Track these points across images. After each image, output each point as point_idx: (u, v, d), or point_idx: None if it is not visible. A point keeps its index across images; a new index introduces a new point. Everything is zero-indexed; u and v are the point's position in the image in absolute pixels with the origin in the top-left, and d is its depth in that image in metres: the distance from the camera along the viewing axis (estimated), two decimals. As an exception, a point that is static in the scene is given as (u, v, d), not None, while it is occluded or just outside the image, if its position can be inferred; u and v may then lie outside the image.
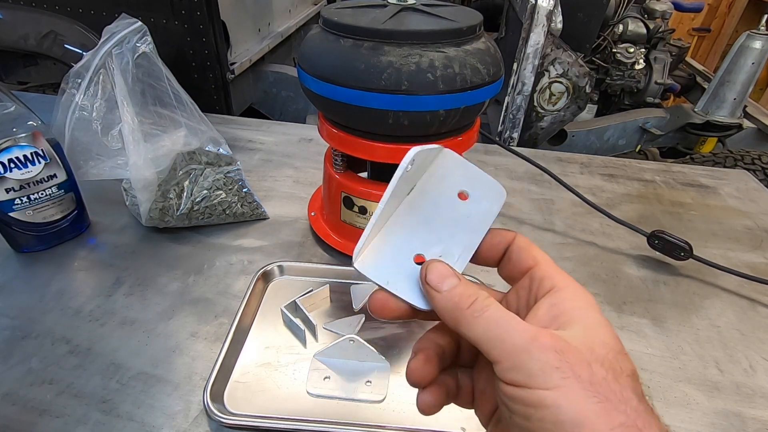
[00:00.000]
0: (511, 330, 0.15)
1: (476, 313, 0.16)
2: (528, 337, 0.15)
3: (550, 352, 0.14)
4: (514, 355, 0.15)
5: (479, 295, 0.16)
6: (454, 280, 0.17)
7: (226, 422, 0.30)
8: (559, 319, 0.16)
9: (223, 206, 0.47)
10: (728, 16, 2.34)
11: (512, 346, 0.15)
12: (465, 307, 0.16)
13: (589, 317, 0.16)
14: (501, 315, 0.16)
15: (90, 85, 0.42)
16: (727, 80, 1.19)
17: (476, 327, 0.16)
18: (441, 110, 0.35)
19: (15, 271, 0.42)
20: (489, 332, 0.15)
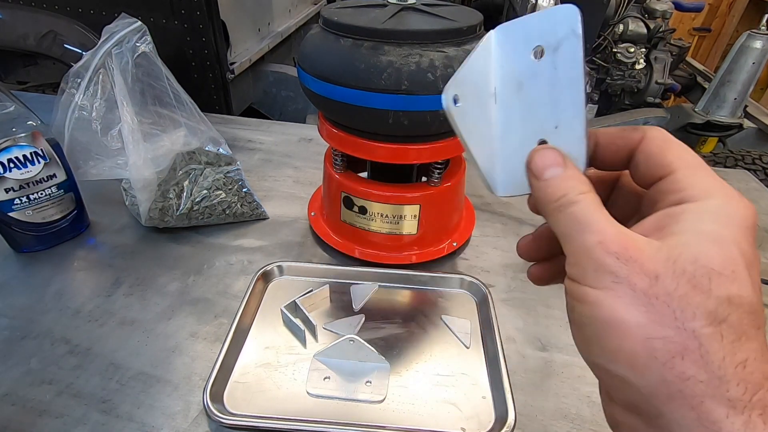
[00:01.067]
0: (586, 229, 0.14)
1: (562, 207, 0.15)
2: (596, 240, 0.14)
3: (610, 256, 0.14)
4: (578, 254, 0.14)
5: (574, 189, 0.15)
6: (557, 170, 0.16)
7: (226, 422, 0.30)
8: (666, 229, 0.14)
9: (223, 206, 0.47)
10: (729, 16, 2.34)
11: (579, 244, 0.14)
12: (554, 199, 0.15)
13: (702, 233, 0.13)
14: (585, 212, 0.15)
15: (89, 84, 0.42)
16: (728, 80, 1.19)
17: (558, 221, 0.15)
18: (441, 110, 0.35)
19: (14, 271, 0.42)
20: (567, 227, 0.15)
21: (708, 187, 0.15)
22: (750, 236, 0.14)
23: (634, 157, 0.16)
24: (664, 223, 0.14)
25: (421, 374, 0.34)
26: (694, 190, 0.14)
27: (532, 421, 0.32)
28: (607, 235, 0.14)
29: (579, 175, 0.16)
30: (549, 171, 0.16)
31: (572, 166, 0.16)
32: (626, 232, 0.14)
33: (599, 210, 0.15)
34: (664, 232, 0.14)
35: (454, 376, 0.34)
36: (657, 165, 0.16)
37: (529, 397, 0.33)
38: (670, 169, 0.15)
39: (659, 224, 0.15)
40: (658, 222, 0.15)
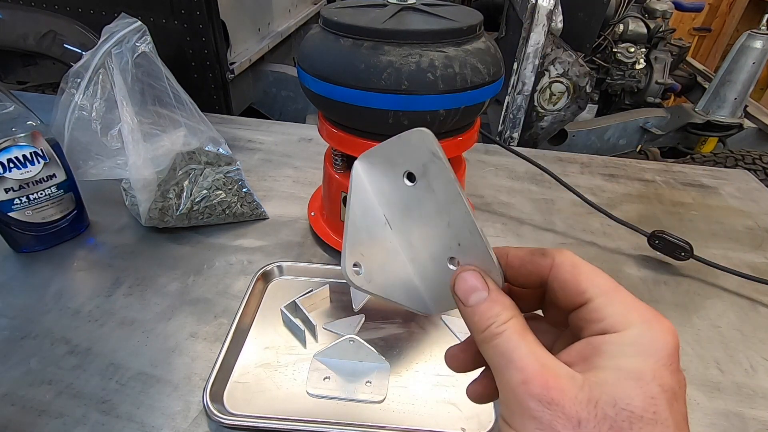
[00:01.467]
0: (510, 365, 0.14)
1: (487, 339, 0.15)
2: (519, 379, 0.14)
3: (533, 400, 0.13)
4: (505, 391, 0.14)
5: (498, 318, 0.15)
6: (481, 295, 0.16)
7: (226, 423, 0.30)
8: (589, 361, 0.14)
9: (223, 206, 0.47)
10: (729, 16, 2.33)
11: (505, 382, 0.14)
12: (481, 330, 0.15)
13: (622, 369, 0.14)
14: (508, 345, 0.15)
15: (89, 84, 0.42)
16: (728, 80, 1.19)
17: (486, 353, 0.15)
18: (441, 110, 0.35)
19: (14, 271, 0.42)
20: (494, 361, 0.15)
21: (626, 314, 0.15)
22: (672, 363, 0.14)
23: (548, 284, 0.16)
24: (588, 354, 0.14)
25: (421, 374, 0.34)
26: (612, 318, 0.15)
27: (532, 421, 0.32)
28: (530, 373, 0.14)
29: (503, 298, 0.16)
30: (473, 296, 0.16)
31: (495, 289, 0.16)
32: (549, 365, 0.14)
33: (523, 340, 0.15)
34: (587, 364, 0.14)
35: (454, 376, 0.34)
36: (572, 294, 0.16)
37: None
38: (586, 297, 0.15)
39: (583, 354, 0.15)
40: (582, 352, 0.15)
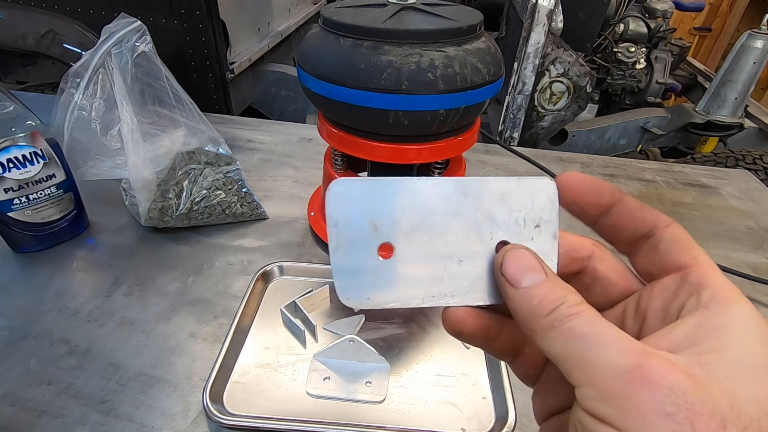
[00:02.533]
0: (605, 348, 0.11)
1: (556, 322, 0.12)
2: (630, 362, 0.10)
3: (661, 388, 0.10)
4: (605, 382, 0.11)
5: (566, 299, 0.12)
6: (539, 276, 0.13)
7: (226, 423, 0.30)
8: (704, 344, 0.11)
9: (223, 206, 0.47)
10: (729, 16, 2.33)
11: (603, 368, 0.11)
12: (543, 315, 0.12)
13: (755, 356, 0.11)
14: (593, 326, 0.11)
15: (89, 84, 0.42)
16: (729, 80, 1.18)
17: (555, 340, 0.12)
18: (441, 110, 0.35)
19: (13, 271, 0.42)
20: (570, 348, 0.11)
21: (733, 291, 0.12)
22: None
23: (656, 236, 0.14)
24: (700, 339, 0.12)
25: (422, 375, 0.34)
26: (722, 291, 0.12)
27: (532, 421, 0.32)
28: (641, 356, 0.11)
29: (564, 283, 0.13)
30: (528, 277, 0.13)
31: (553, 273, 0.13)
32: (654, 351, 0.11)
33: (607, 322, 0.12)
34: (703, 347, 0.11)
35: (454, 376, 0.34)
36: (685, 252, 0.13)
37: (529, 398, 0.33)
38: (696, 261, 0.13)
39: (692, 339, 0.12)
40: (690, 336, 0.12)
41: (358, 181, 0.14)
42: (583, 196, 0.15)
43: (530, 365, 0.17)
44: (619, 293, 0.15)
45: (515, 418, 0.30)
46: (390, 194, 0.14)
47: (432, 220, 0.14)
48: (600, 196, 0.15)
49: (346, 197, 0.14)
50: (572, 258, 0.16)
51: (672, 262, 0.14)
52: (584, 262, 0.16)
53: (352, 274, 0.14)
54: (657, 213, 0.14)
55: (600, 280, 0.16)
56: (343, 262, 0.14)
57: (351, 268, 0.14)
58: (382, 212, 0.14)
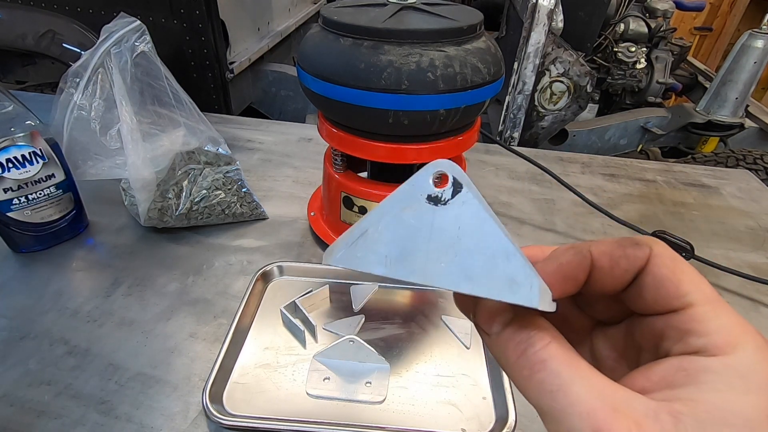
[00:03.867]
0: (570, 409, 0.11)
1: (526, 371, 0.12)
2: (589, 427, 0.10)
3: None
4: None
5: (533, 340, 0.12)
6: (506, 317, 0.13)
7: (225, 423, 0.30)
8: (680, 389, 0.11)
9: (222, 206, 0.47)
10: (730, 15, 2.33)
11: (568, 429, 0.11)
12: (514, 359, 0.12)
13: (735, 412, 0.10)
14: (560, 380, 0.11)
15: (88, 84, 0.42)
16: (729, 79, 1.18)
17: (529, 391, 0.12)
18: (441, 110, 0.35)
19: (13, 271, 0.42)
20: (542, 402, 0.11)
21: (734, 334, 0.11)
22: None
23: (638, 280, 0.13)
24: (678, 380, 0.11)
25: (422, 375, 0.34)
26: (719, 336, 0.11)
27: (533, 422, 0.32)
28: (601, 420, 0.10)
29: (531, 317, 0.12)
30: (496, 323, 0.13)
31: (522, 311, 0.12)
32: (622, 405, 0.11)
33: (575, 371, 0.11)
34: (674, 393, 0.11)
35: (454, 376, 0.34)
36: (670, 294, 0.12)
37: (529, 398, 0.33)
38: (687, 302, 0.12)
39: (671, 380, 0.11)
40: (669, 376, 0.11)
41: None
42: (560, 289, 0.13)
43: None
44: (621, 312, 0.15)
45: (515, 418, 0.30)
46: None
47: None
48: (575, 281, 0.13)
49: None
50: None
51: (659, 308, 0.13)
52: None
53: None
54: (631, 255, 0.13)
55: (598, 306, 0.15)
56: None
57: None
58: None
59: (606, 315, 0.15)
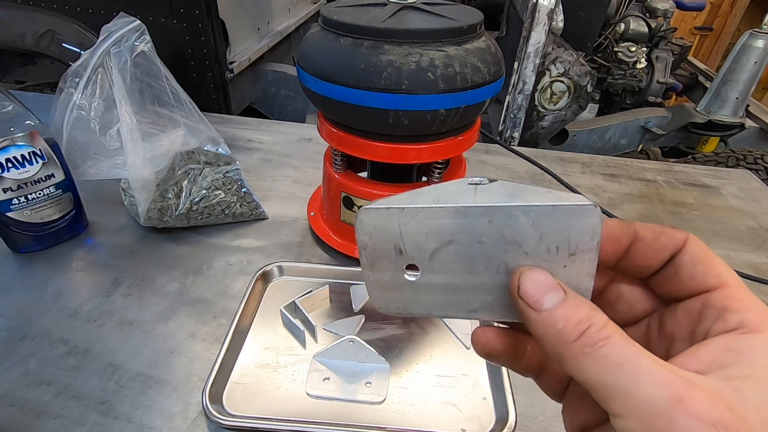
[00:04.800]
0: (643, 379, 0.11)
1: (587, 348, 0.11)
2: (669, 396, 0.10)
3: (704, 425, 0.10)
4: (647, 417, 0.10)
5: (595, 320, 0.12)
6: (559, 295, 0.12)
7: (225, 423, 0.30)
8: (734, 368, 0.11)
9: (222, 206, 0.47)
10: (730, 15, 2.33)
11: (644, 402, 0.10)
12: (572, 339, 0.12)
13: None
14: (626, 353, 0.11)
15: (88, 84, 0.42)
16: (730, 79, 1.18)
17: (588, 367, 0.11)
18: (441, 110, 0.35)
19: (12, 271, 0.42)
20: (606, 377, 0.11)
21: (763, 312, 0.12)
22: None
23: (676, 260, 0.13)
24: (728, 362, 0.11)
25: (422, 375, 0.34)
26: (754, 314, 0.12)
27: (533, 422, 0.32)
28: (680, 388, 0.10)
29: (585, 300, 0.13)
30: (548, 298, 0.12)
31: (572, 291, 0.13)
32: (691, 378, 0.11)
33: (638, 347, 0.11)
34: (727, 373, 0.11)
35: (454, 377, 0.34)
36: (707, 272, 0.13)
37: (529, 398, 0.33)
38: (722, 281, 0.13)
39: (721, 361, 0.11)
40: (718, 357, 0.11)
41: (384, 207, 0.14)
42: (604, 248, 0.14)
43: (555, 381, 0.17)
44: (643, 310, 0.15)
45: (515, 418, 0.30)
46: (414, 220, 0.14)
47: (454, 248, 0.14)
48: (618, 242, 0.14)
49: (374, 225, 0.15)
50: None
51: (695, 286, 0.13)
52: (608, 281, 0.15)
53: (382, 287, 0.16)
54: (671, 234, 0.14)
55: (624, 298, 0.15)
56: (373, 278, 0.15)
57: (380, 283, 0.16)
58: (406, 238, 0.15)
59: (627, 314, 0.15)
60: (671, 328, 0.14)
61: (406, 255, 0.15)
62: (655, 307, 0.15)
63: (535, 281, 0.13)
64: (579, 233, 0.13)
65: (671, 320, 0.14)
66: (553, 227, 0.13)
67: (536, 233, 0.14)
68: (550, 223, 0.13)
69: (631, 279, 0.15)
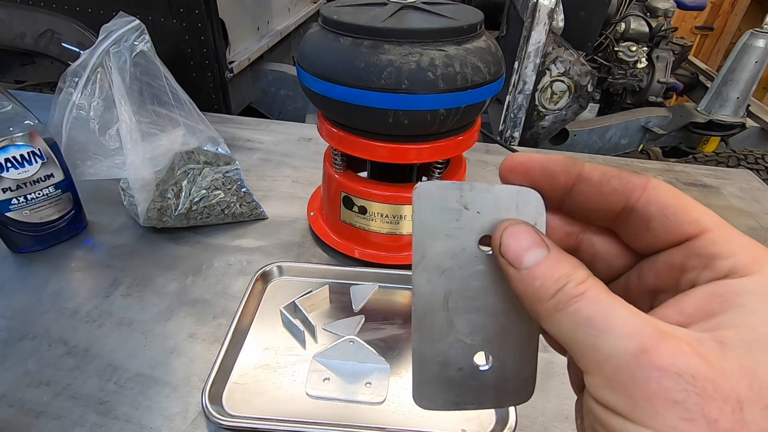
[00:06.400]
0: (610, 332, 0.10)
1: (560, 305, 0.11)
2: (634, 347, 0.10)
3: (669, 374, 0.09)
4: (611, 370, 0.10)
5: (573, 277, 0.11)
6: (541, 253, 0.12)
7: (225, 424, 0.30)
8: (720, 316, 0.10)
9: (222, 206, 0.47)
10: (731, 15, 2.33)
11: (609, 355, 0.10)
12: (548, 297, 0.11)
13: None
14: (598, 308, 0.11)
15: (87, 83, 0.42)
16: (730, 79, 1.18)
17: (560, 324, 0.11)
18: (441, 109, 0.34)
19: (11, 271, 0.42)
20: (576, 333, 0.11)
21: (755, 250, 0.11)
22: None
23: (639, 210, 0.12)
24: (714, 310, 0.11)
25: (421, 376, 0.34)
26: (744, 256, 0.11)
27: (533, 422, 0.32)
28: (647, 339, 0.10)
29: (567, 256, 0.12)
30: (528, 255, 0.12)
31: (556, 247, 0.12)
32: (665, 329, 0.10)
33: (615, 300, 0.11)
34: (714, 322, 0.10)
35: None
36: (681, 221, 0.11)
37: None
38: (701, 227, 0.11)
39: (706, 309, 0.11)
40: (702, 305, 0.11)
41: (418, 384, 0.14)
42: (534, 183, 0.13)
43: None
44: (623, 265, 0.14)
45: (516, 419, 0.30)
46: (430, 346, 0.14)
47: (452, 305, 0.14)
48: (553, 178, 0.13)
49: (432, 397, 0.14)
50: (564, 233, 0.14)
51: (671, 237, 0.12)
52: (578, 234, 0.14)
53: (500, 394, 0.15)
54: (626, 178, 0.12)
55: (601, 256, 0.14)
56: (490, 400, 0.15)
57: (494, 395, 0.15)
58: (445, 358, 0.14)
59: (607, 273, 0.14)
60: (653, 281, 0.13)
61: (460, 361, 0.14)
62: (633, 262, 0.14)
63: (517, 237, 0.12)
64: (441, 204, 0.13)
65: (652, 273, 0.13)
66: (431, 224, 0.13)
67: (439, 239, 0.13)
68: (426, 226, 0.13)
69: (603, 234, 0.14)
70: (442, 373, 0.14)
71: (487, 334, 0.14)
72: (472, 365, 0.14)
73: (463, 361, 0.14)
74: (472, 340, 0.14)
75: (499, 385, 0.14)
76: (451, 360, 0.14)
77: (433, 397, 0.14)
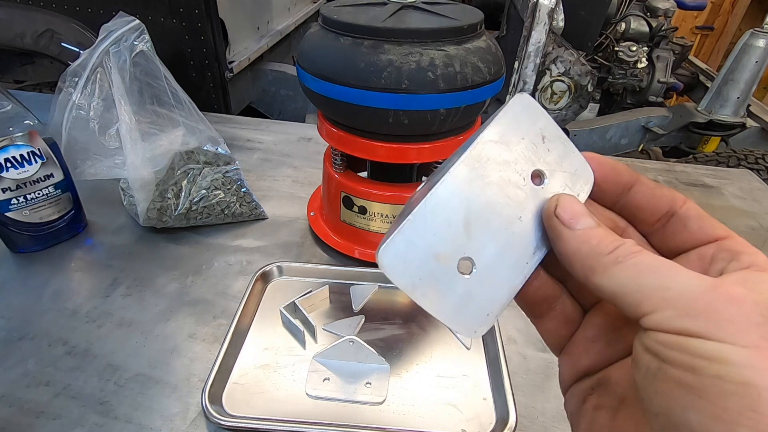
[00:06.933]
0: (679, 275, 0.12)
1: (621, 258, 0.13)
2: (707, 283, 0.11)
3: (747, 303, 0.11)
4: (687, 301, 0.11)
5: (626, 241, 0.13)
6: (592, 221, 0.14)
7: (225, 424, 0.30)
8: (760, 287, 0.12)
9: (222, 206, 0.47)
10: (731, 14, 2.33)
11: (682, 291, 0.11)
12: (605, 252, 0.13)
13: None
14: (660, 261, 0.12)
15: (87, 83, 0.42)
16: (731, 79, 1.18)
17: (619, 273, 0.12)
18: (441, 109, 0.34)
19: (11, 271, 0.42)
20: (639, 279, 0.12)
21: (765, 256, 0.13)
22: None
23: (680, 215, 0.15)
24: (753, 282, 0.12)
25: (422, 375, 0.34)
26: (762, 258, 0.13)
27: (534, 422, 0.32)
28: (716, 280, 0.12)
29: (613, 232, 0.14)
30: (582, 221, 0.14)
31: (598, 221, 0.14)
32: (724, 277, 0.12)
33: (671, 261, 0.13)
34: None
35: (454, 377, 0.34)
36: (715, 227, 0.14)
37: (530, 399, 0.33)
38: (729, 233, 0.14)
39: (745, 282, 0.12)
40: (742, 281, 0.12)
41: (395, 240, 0.14)
42: (603, 177, 0.16)
43: (562, 323, 0.17)
44: None
45: (516, 419, 0.30)
46: (427, 224, 0.14)
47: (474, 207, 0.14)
48: (619, 176, 0.16)
49: (402, 258, 0.14)
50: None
51: (705, 236, 0.14)
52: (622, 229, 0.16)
53: (456, 310, 0.15)
54: (673, 191, 0.15)
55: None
56: (442, 309, 0.14)
57: (451, 307, 0.15)
58: (433, 241, 0.14)
59: None
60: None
61: (446, 258, 0.14)
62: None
63: (572, 204, 0.14)
64: (529, 119, 0.15)
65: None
66: (511, 129, 0.15)
67: (506, 145, 0.15)
68: (508, 129, 0.15)
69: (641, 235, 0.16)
70: (419, 253, 0.14)
71: (487, 251, 0.15)
72: (453, 266, 0.14)
73: (448, 257, 0.14)
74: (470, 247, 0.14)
75: (461, 301, 0.14)
76: (437, 249, 0.14)
77: (396, 264, 0.14)
